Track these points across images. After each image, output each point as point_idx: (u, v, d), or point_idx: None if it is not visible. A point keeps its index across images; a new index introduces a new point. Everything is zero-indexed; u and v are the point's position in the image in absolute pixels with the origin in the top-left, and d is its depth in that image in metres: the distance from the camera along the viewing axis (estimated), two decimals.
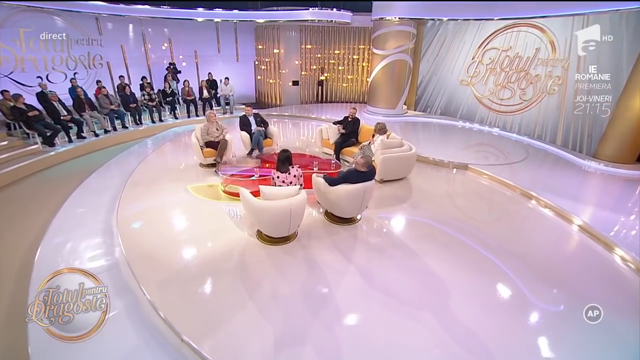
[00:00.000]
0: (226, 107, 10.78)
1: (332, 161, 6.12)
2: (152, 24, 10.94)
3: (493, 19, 9.01)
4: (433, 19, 9.89)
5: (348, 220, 4.61)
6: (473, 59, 9.98)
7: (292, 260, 3.84)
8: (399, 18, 9.77)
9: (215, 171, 6.10)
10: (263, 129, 6.91)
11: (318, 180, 4.51)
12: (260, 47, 12.28)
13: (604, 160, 7.19)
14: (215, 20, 11.36)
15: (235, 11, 10.91)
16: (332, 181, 4.33)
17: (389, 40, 10.11)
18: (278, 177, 4.03)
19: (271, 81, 12.46)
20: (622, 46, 6.94)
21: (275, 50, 11.93)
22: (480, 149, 8.34)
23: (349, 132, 6.97)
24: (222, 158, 6.24)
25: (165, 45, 11.46)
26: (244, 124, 6.87)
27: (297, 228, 4.11)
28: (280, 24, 11.45)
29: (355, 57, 12.68)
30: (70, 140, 7.50)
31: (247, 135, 6.76)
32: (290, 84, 12.49)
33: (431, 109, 11.31)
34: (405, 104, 11.27)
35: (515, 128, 9.28)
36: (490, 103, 9.86)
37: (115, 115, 8.58)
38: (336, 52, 12.59)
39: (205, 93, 10.32)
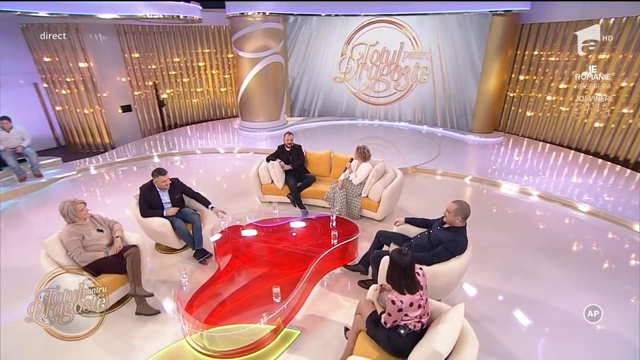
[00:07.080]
0: (20, 168, 6.14)
1: (334, 215, 3.98)
2: None
3: (358, 15, 8.85)
4: (295, 14, 8.80)
5: None
6: (343, 55, 9.69)
7: None
8: (263, 13, 8.13)
9: (134, 313, 3.12)
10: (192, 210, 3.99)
11: None
12: (47, 59, 7.66)
13: (478, 133, 8.53)
14: None
15: None
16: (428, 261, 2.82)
17: (258, 40, 8.34)
18: (411, 306, 2.10)
19: (86, 111, 8.17)
20: (471, 43, 8.12)
21: (82, 64, 7.75)
22: (379, 142, 8.27)
23: (297, 166, 5.18)
24: (141, 281, 3.23)
25: None
26: (153, 207, 3.78)
27: None
28: (80, 24, 7.44)
29: (200, 64, 10.05)
30: None
31: (168, 225, 3.72)
32: (120, 110, 8.63)
33: (308, 111, 10.48)
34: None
35: (397, 117, 9.80)
36: (367, 97, 9.97)
37: None
38: (175, 59, 9.55)
39: None
